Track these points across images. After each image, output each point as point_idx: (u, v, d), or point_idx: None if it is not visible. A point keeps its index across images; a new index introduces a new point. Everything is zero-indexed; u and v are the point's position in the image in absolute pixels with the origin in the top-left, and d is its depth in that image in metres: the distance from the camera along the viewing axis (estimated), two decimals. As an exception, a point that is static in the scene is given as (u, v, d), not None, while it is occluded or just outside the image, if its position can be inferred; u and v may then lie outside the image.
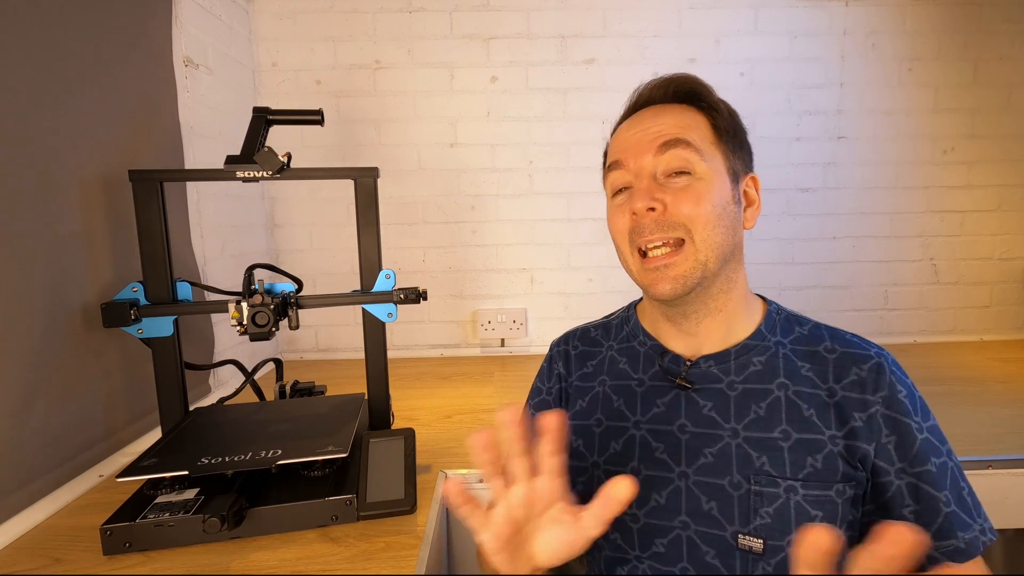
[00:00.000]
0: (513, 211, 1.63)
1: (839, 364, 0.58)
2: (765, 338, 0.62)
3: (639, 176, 0.60)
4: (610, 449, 0.63)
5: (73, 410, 0.86)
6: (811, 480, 0.54)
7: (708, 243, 0.57)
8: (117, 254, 0.96)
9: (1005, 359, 1.48)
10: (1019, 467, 0.90)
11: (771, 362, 0.60)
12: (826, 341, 0.60)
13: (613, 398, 0.65)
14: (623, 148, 0.62)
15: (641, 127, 0.61)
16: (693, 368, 0.62)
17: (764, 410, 0.58)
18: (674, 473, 0.59)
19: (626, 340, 0.69)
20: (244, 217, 1.48)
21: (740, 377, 0.60)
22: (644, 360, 0.66)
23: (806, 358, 0.60)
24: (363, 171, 0.90)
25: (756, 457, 0.56)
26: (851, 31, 1.59)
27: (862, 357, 0.58)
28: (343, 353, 1.66)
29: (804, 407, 0.57)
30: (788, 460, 0.55)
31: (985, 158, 1.64)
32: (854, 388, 0.56)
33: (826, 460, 0.55)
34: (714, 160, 0.59)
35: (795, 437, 0.56)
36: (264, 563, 0.65)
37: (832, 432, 0.56)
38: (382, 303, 0.92)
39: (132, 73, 1.03)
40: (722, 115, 0.61)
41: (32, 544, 0.70)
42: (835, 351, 0.59)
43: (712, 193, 0.58)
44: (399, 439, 0.83)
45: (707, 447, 0.58)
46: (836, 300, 1.69)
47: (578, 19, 1.57)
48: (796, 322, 0.64)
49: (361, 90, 1.58)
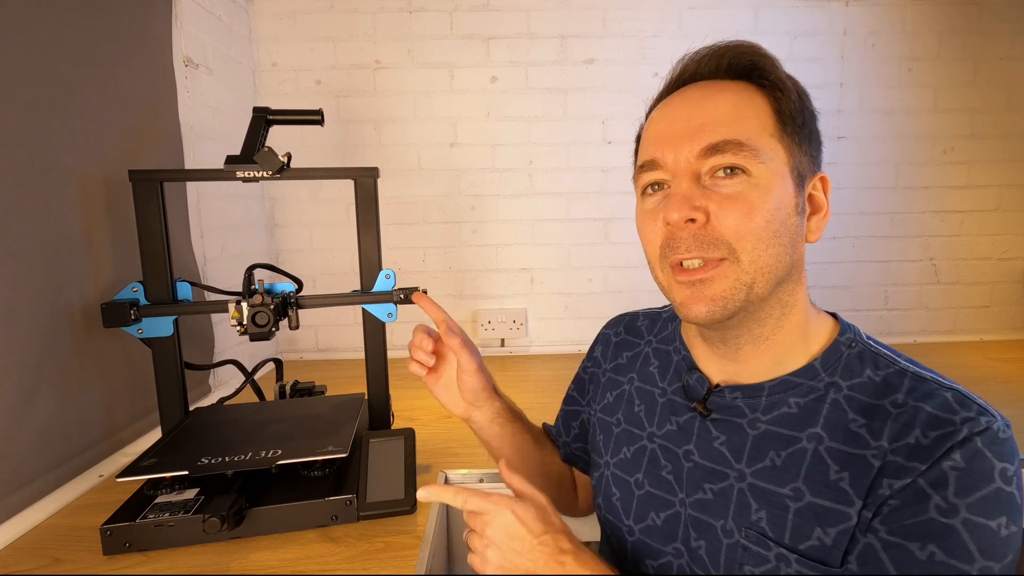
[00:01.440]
0: (513, 211, 1.63)
1: (900, 419, 0.44)
2: (816, 375, 0.49)
3: (677, 176, 0.48)
4: (621, 454, 0.61)
5: (73, 410, 0.86)
6: (812, 557, 0.44)
7: (757, 263, 0.46)
8: (117, 254, 0.96)
9: (1005, 359, 1.48)
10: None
11: (811, 407, 0.48)
12: (899, 393, 0.46)
13: (636, 401, 0.62)
14: (658, 140, 0.50)
15: (684, 113, 0.49)
16: (716, 395, 0.53)
17: (782, 460, 0.48)
18: (676, 498, 0.54)
19: (666, 342, 0.63)
20: (244, 217, 1.48)
21: (767, 417, 0.50)
22: (674, 370, 0.59)
23: (863, 412, 0.46)
24: (363, 171, 0.90)
25: (755, 509, 0.48)
26: (851, 31, 1.59)
27: (941, 422, 0.42)
28: (343, 353, 1.66)
29: (834, 468, 0.45)
30: (790, 524, 0.46)
31: (985, 158, 1.64)
32: (903, 452, 0.42)
33: (841, 536, 0.43)
34: (775, 159, 0.47)
35: (808, 500, 0.45)
36: (264, 563, 0.65)
37: (860, 505, 0.43)
38: (382, 303, 0.92)
39: (132, 73, 1.03)
40: (789, 97, 0.48)
41: (32, 544, 0.70)
42: (904, 405, 0.45)
43: (769, 202, 0.46)
44: (399, 439, 0.83)
45: (708, 483, 0.52)
46: (836, 300, 1.69)
47: (578, 19, 1.57)
48: (872, 363, 0.49)
49: (361, 90, 1.58)
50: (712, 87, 0.50)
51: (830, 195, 0.52)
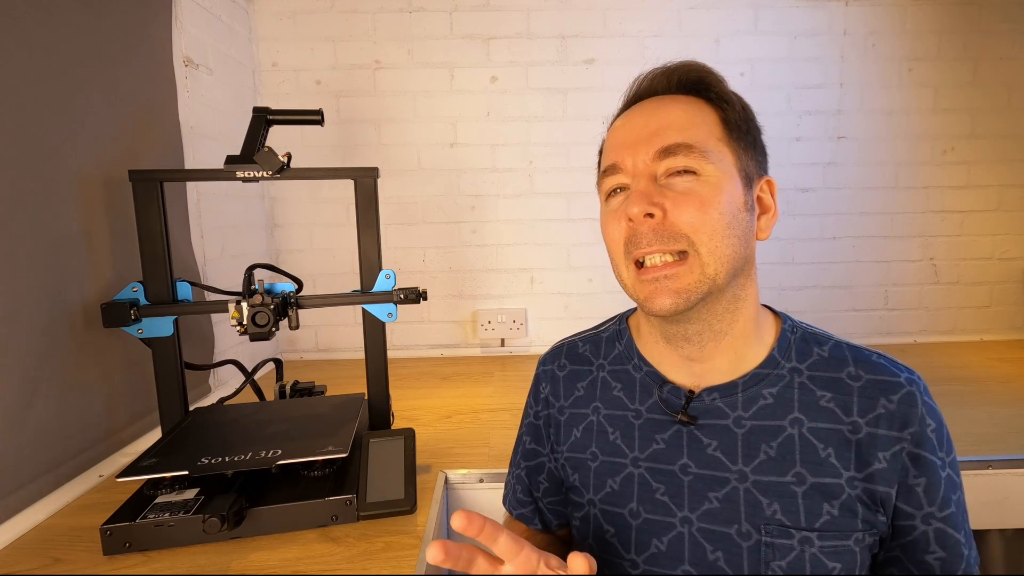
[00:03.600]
0: (513, 211, 1.64)
1: (865, 394, 0.51)
2: (778, 365, 0.54)
3: (636, 177, 0.52)
4: (607, 487, 0.57)
5: (73, 410, 0.86)
6: (828, 530, 0.49)
7: (715, 254, 0.50)
8: (117, 254, 0.96)
9: (1005, 359, 1.48)
10: (1019, 467, 0.90)
11: (784, 394, 0.53)
12: (850, 366, 0.53)
13: (609, 430, 0.59)
14: (618, 147, 0.54)
15: (640, 122, 0.54)
16: (695, 401, 0.55)
17: (775, 450, 0.51)
18: (676, 518, 0.53)
19: (619, 362, 0.62)
20: (244, 217, 1.48)
21: (748, 412, 0.53)
22: (641, 389, 0.59)
23: (826, 386, 0.52)
24: (363, 171, 0.90)
25: (767, 504, 0.50)
26: (851, 31, 1.59)
27: (891, 386, 0.51)
28: (343, 353, 1.66)
29: (820, 447, 0.50)
30: (803, 508, 0.50)
31: (985, 158, 1.64)
32: (880, 423, 0.50)
33: (844, 507, 0.49)
34: (723, 160, 0.51)
35: (810, 481, 0.50)
36: (264, 563, 0.65)
37: (851, 474, 0.50)
38: (382, 303, 0.92)
39: (132, 73, 1.03)
40: (734, 108, 0.53)
41: (32, 544, 0.70)
42: (860, 378, 0.52)
43: (721, 198, 0.50)
44: (399, 439, 0.83)
45: (712, 491, 0.52)
46: (836, 300, 1.69)
47: (578, 19, 1.57)
48: (814, 341, 0.56)
49: (361, 90, 1.58)
50: (665, 100, 0.55)
51: (776, 197, 0.57)
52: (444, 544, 0.41)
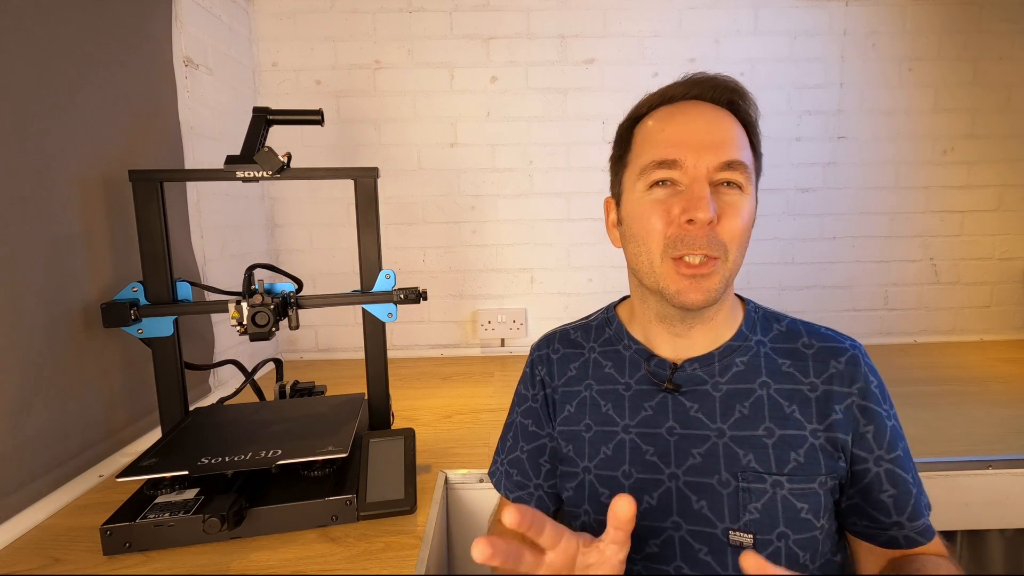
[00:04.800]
0: (513, 211, 1.63)
1: (818, 359, 0.60)
2: (747, 338, 0.63)
3: (697, 179, 0.55)
4: (600, 454, 0.63)
5: (73, 410, 0.86)
6: (796, 474, 0.57)
7: (736, 262, 0.58)
8: (117, 254, 0.96)
9: (1005, 359, 1.48)
10: (1019, 467, 0.90)
11: (753, 362, 0.61)
12: (803, 337, 0.62)
13: (601, 403, 0.65)
14: (679, 144, 0.56)
15: (703, 127, 0.57)
16: (679, 372, 0.62)
17: (748, 409, 0.59)
18: (664, 475, 0.60)
19: (609, 343, 0.68)
20: (244, 217, 1.48)
21: (724, 378, 0.61)
22: (630, 364, 0.65)
23: (786, 355, 0.61)
24: (363, 171, 0.90)
25: (743, 455, 0.58)
26: (851, 31, 1.59)
27: (839, 350, 0.60)
28: (343, 353, 1.66)
29: (785, 404, 0.59)
30: (773, 456, 0.57)
31: (985, 158, 1.64)
32: (833, 381, 0.59)
33: (808, 454, 0.57)
34: (752, 180, 0.59)
35: (779, 434, 0.58)
36: (264, 563, 0.65)
37: (814, 426, 0.58)
38: (382, 303, 0.92)
39: (132, 73, 1.03)
40: (757, 135, 0.61)
41: (32, 544, 0.70)
42: (813, 346, 0.61)
43: (749, 213, 0.58)
44: (399, 439, 0.83)
45: (695, 447, 0.59)
46: (836, 300, 1.69)
47: (578, 19, 1.57)
48: (774, 319, 0.65)
49: (361, 90, 1.58)
50: (718, 111, 0.59)
51: None
52: (490, 541, 0.41)
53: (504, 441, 0.75)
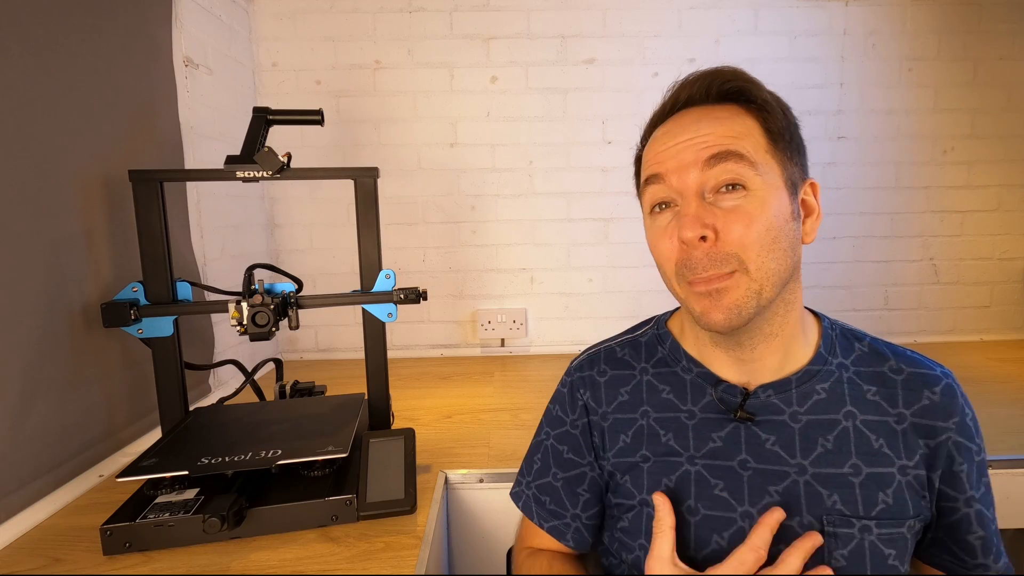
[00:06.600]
0: (513, 211, 1.63)
1: (908, 387, 0.54)
2: (826, 361, 0.56)
3: (684, 196, 0.52)
4: (661, 486, 0.57)
5: (73, 410, 0.86)
6: (884, 517, 0.51)
7: (763, 271, 0.50)
8: (117, 254, 0.96)
9: (1005, 359, 1.48)
10: (1019, 467, 0.90)
11: (835, 389, 0.55)
12: (890, 360, 0.56)
13: (660, 432, 0.58)
14: (662, 159, 0.53)
15: (684, 136, 0.52)
16: (752, 399, 0.56)
17: (832, 443, 0.53)
18: (736, 513, 0.53)
19: (664, 364, 0.62)
20: (244, 217, 1.48)
21: (803, 407, 0.55)
22: (692, 389, 0.59)
23: (872, 380, 0.55)
24: (363, 171, 0.90)
25: (827, 495, 0.52)
26: (851, 31, 1.59)
27: (931, 379, 0.55)
28: (343, 353, 1.66)
29: (873, 438, 0.53)
30: (860, 497, 0.52)
31: (985, 158, 1.64)
32: (926, 414, 0.53)
33: (896, 494, 0.52)
34: (770, 172, 0.51)
35: (866, 471, 0.52)
36: (264, 563, 0.65)
37: (902, 462, 0.52)
38: (382, 303, 0.92)
39: (132, 73, 1.03)
40: (775, 115, 0.53)
41: (32, 544, 0.70)
42: (902, 371, 0.55)
43: (768, 212, 0.50)
44: (399, 439, 0.83)
45: (772, 485, 0.53)
46: (836, 300, 1.69)
47: (578, 19, 1.57)
48: (854, 338, 0.59)
49: (361, 90, 1.58)
50: (707, 111, 0.54)
51: (820, 197, 0.57)
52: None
53: (531, 462, 0.68)
